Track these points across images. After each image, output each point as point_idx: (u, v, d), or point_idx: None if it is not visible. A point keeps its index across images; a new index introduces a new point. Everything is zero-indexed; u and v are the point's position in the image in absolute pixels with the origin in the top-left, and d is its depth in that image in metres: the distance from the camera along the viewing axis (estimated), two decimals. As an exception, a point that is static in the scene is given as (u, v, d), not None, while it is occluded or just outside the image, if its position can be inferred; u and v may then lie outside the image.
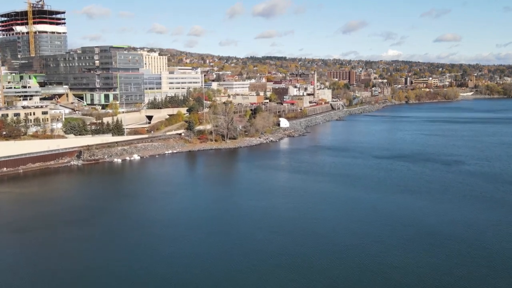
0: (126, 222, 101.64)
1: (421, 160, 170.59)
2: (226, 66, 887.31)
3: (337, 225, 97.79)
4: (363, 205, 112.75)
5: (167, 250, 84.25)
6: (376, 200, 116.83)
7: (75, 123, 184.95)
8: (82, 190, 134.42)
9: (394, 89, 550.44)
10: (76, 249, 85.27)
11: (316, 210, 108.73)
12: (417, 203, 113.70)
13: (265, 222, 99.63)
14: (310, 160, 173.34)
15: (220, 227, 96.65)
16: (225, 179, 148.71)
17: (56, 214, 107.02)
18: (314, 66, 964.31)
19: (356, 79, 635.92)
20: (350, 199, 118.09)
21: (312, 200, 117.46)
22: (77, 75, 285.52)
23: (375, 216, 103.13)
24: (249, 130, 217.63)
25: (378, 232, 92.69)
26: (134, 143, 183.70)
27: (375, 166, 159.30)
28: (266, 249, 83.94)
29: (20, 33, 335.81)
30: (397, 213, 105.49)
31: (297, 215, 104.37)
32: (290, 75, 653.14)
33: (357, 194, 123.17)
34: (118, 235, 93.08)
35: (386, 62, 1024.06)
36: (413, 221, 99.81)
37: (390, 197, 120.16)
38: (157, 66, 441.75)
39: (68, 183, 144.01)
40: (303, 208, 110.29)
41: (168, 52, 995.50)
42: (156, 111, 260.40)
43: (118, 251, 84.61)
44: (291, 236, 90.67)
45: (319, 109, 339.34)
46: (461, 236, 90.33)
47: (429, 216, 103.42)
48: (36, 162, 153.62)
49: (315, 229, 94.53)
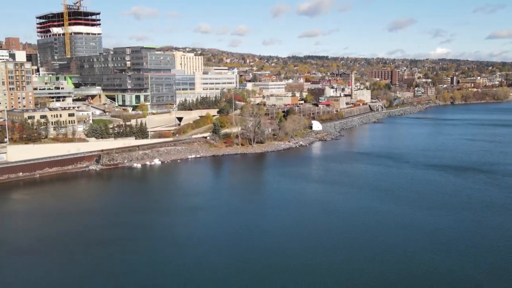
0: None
1: (464, 169, 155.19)
2: (265, 66, 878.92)
3: (373, 247, 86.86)
4: (397, 221, 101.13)
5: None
6: (409, 216, 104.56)
7: (97, 126, 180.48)
8: (98, 201, 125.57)
9: (439, 89, 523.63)
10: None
11: (346, 231, 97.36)
12: (455, 223, 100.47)
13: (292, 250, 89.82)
14: (340, 168, 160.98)
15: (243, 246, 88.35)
16: (247, 189, 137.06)
17: (80, 231, 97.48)
18: (356, 65, 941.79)
19: (399, 78, 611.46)
20: (380, 215, 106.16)
21: (339, 217, 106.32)
22: (109, 76, 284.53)
23: (412, 236, 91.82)
24: (278, 134, 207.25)
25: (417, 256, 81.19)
26: (156, 147, 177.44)
27: (410, 176, 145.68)
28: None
29: (56, 34, 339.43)
30: (435, 234, 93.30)
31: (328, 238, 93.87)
32: (330, 75, 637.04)
33: (388, 208, 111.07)
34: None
35: (432, 60, 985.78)
36: (451, 246, 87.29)
37: (425, 213, 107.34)
38: (193, 66, 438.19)
39: (85, 191, 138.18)
40: (329, 227, 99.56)
41: (210, 52, 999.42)
42: (186, 112, 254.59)
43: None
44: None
45: (356, 111, 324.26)
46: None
47: (471, 239, 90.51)
48: (53, 166, 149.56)
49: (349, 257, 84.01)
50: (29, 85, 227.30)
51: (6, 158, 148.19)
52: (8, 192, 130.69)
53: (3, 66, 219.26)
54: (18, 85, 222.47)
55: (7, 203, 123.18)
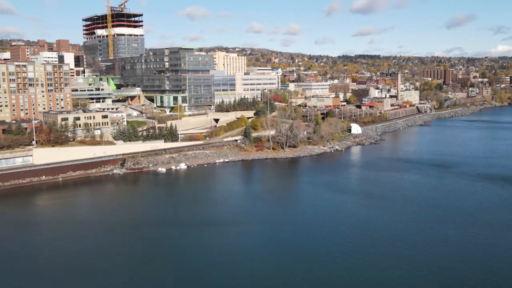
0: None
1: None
2: (313, 65, 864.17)
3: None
4: (440, 246, 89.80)
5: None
6: (452, 238, 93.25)
7: (125, 128, 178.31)
8: (112, 211, 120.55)
9: (496, 89, 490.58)
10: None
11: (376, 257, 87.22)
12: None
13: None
14: (372, 177, 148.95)
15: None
16: (272, 200, 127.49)
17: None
18: (409, 64, 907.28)
19: (453, 78, 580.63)
20: (417, 236, 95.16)
21: (372, 238, 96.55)
22: (149, 77, 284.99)
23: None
24: (313, 138, 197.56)
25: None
26: (184, 151, 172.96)
27: (449, 188, 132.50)
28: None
29: (100, 36, 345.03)
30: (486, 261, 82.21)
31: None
32: (379, 75, 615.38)
33: (425, 229, 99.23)
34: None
35: (492, 59, 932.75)
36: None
37: (469, 232, 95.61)
38: (236, 67, 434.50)
39: (104, 197, 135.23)
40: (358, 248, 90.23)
41: (259, 52, 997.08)
42: (223, 114, 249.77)
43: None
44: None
45: (401, 113, 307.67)
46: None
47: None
48: (76, 170, 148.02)
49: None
50: (67, 87, 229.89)
51: (32, 161, 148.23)
52: (28, 196, 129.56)
53: (42, 68, 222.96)
54: (56, 86, 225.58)
55: (25, 208, 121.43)
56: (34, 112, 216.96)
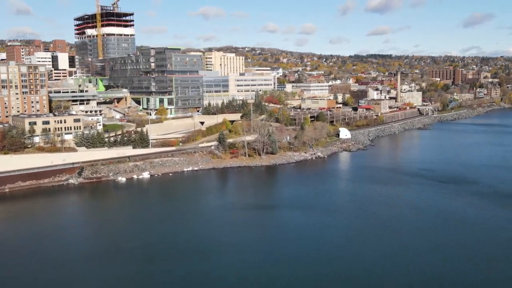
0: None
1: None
2: (321, 65, 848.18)
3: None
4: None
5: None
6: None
7: (89, 134, 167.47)
8: (55, 227, 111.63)
9: (505, 90, 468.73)
10: None
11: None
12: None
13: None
14: (351, 190, 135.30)
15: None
16: (227, 218, 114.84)
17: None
18: (421, 64, 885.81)
19: (462, 78, 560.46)
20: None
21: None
22: (137, 78, 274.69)
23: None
24: (293, 143, 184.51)
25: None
26: (151, 158, 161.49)
27: (437, 206, 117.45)
28: None
29: (90, 36, 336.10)
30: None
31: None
32: (388, 75, 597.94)
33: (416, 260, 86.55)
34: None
35: (507, 58, 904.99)
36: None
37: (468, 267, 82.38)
38: (233, 67, 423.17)
39: (56, 211, 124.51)
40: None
41: (269, 51, 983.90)
42: (209, 117, 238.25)
43: None
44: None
45: (400, 115, 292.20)
46: None
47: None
48: (27, 180, 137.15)
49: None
50: (43, 89, 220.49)
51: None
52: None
53: (16, 69, 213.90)
54: (32, 88, 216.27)
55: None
56: (7, 115, 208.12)
